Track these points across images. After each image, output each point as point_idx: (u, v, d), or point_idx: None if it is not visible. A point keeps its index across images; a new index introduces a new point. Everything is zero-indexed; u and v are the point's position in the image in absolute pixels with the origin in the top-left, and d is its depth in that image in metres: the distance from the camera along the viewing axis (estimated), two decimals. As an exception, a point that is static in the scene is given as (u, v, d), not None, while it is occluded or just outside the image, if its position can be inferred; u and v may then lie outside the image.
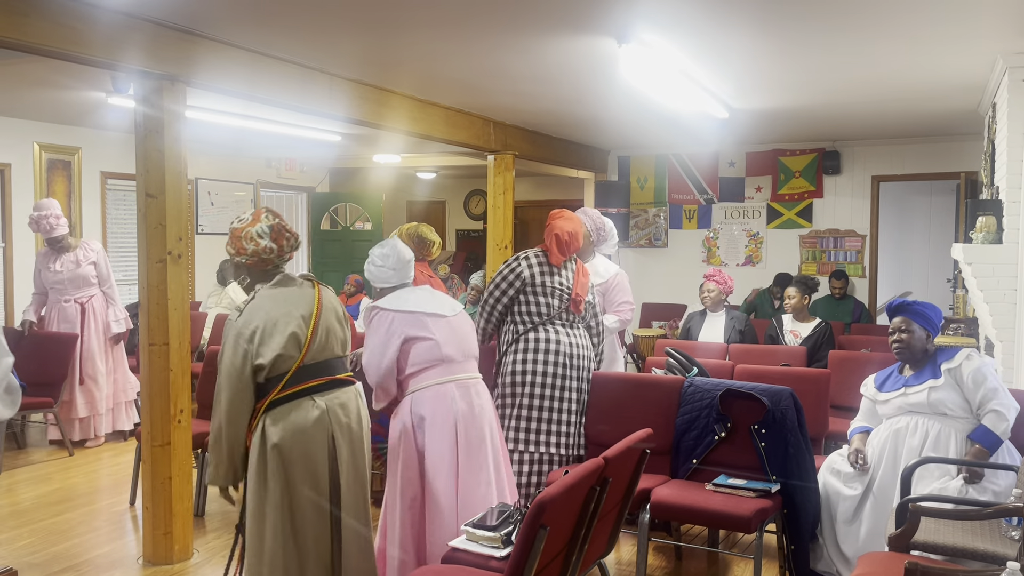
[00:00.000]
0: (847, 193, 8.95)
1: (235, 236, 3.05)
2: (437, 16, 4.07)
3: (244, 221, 3.06)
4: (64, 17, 3.60)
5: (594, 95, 6.08)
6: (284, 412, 2.89)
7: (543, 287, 4.24)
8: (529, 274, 4.23)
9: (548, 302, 4.24)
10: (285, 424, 2.88)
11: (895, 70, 5.23)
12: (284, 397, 2.90)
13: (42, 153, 7.55)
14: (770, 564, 4.03)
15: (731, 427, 3.90)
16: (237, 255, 3.05)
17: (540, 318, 4.22)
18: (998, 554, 2.90)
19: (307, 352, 2.93)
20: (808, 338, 5.88)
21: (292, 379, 2.90)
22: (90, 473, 5.65)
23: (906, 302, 3.83)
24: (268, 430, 2.88)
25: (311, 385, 2.94)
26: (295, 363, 2.91)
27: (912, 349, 3.74)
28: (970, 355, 3.66)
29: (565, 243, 4.27)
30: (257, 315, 2.91)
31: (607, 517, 2.90)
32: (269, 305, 2.94)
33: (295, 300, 2.99)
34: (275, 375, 2.89)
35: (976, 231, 4.70)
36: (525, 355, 4.20)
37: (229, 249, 3.07)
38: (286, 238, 3.07)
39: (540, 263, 4.27)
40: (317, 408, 2.93)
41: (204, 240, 9.28)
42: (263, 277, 3.06)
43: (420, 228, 5.12)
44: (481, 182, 12.17)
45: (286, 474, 2.88)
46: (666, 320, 8.54)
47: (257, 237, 3.02)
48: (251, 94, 4.76)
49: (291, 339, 2.90)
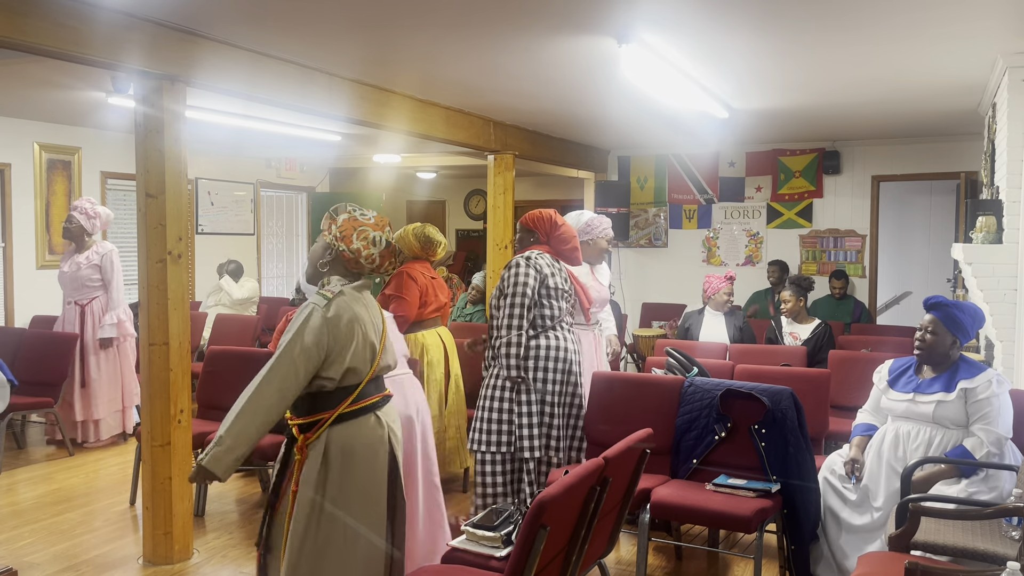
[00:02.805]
0: (847, 193, 8.95)
1: (352, 225, 2.80)
2: (437, 16, 4.07)
3: (367, 219, 2.83)
4: (64, 17, 3.60)
5: (594, 95, 6.08)
6: (352, 428, 2.70)
7: (555, 289, 4.17)
8: (541, 274, 4.11)
9: (558, 304, 4.19)
10: (353, 440, 2.69)
11: (895, 70, 5.23)
12: (352, 412, 2.70)
13: (42, 153, 7.55)
14: (770, 564, 4.03)
15: (731, 427, 3.90)
16: (340, 241, 2.79)
17: (551, 321, 4.16)
18: (998, 554, 2.90)
19: (376, 364, 2.76)
20: (808, 340, 5.86)
21: (362, 392, 2.72)
22: (90, 473, 5.65)
23: (943, 301, 3.64)
24: (333, 444, 2.67)
25: (375, 400, 2.78)
26: (367, 375, 2.73)
27: (933, 352, 3.61)
28: (992, 381, 3.49)
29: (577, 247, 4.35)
30: (354, 318, 2.68)
31: (607, 517, 2.90)
32: (359, 308, 2.74)
33: (371, 309, 2.82)
34: (345, 385, 2.69)
35: (976, 231, 4.70)
36: (536, 362, 4.08)
37: (335, 231, 2.80)
38: (390, 261, 2.87)
39: (548, 264, 4.20)
40: (382, 426, 2.77)
41: (204, 240, 9.28)
42: (346, 275, 2.83)
43: (427, 228, 5.12)
44: (481, 182, 12.17)
45: (348, 492, 2.68)
46: (666, 320, 8.54)
47: (371, 243, 2.79)
48: (251, 94, 4.76)
49: (370, 349, 2.73)
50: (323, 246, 2.83)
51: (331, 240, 2.80)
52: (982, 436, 3.43)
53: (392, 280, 4.95)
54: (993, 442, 3.41)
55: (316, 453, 2.67)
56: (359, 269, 2.82)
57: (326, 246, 2.82)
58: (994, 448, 3.41)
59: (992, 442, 3.41)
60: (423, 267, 5.04)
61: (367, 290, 2.86)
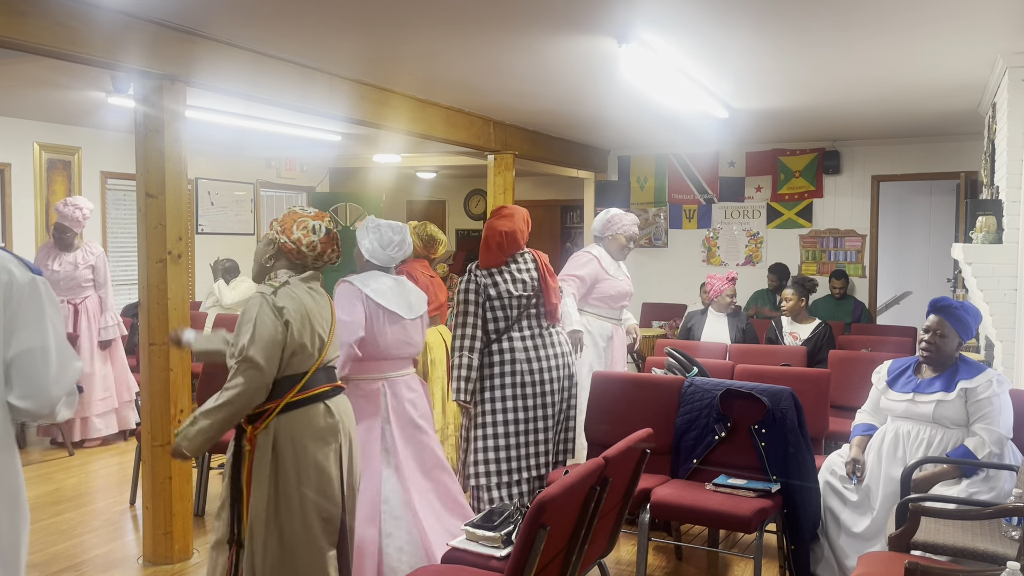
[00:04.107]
0: (847, 193, 8.95)
1: (291, 217, 2.90)
2: (437, 16, 4.07)
3: (307, 212, 2.94)
4: (64, 17, 3.60)
5: (594, 95, 6.08)
6: (301, 416, 2.75)
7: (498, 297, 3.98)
8: (475, 290, 3.99)
9: (503, 314, 4.00)
10: (302, 429, 2.75)
11: (895, 70, 5.23)
12: (300, 400, 2.76)
13: (42, 153, 7.55)
14: (770, 564, 4.03)
15: (731, 427, 3.90)
16: (282, 234, 2.87)
17: (495, 332, 4.00)
18: (998, 554, 2.89)
19: (324, 355, 2.82)
20: (808, 340, 5.86)
21: (309, 381, 2.78)
22: (90, 473, 5.66)
23: (949, 302, 3.64)
24: (282, 433, 2.73)
25: (324, 390, 2.83)
26: (313, 365, 2.78)
27: (941, 354, 3.60)
28: (992, 381, 3.49)
29: (500, 244, 4.02)
30: (300, 307, 2.75)
31: (607, 517, 2.90)
32: (306, 298, 2.80)
33: (320, 300, 2.88)
34: (291, 374, 2.74)
35: (976, 231, 4.70)
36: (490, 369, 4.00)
37: (276, 226, 2.90)
38: (332, 250, 2.93)
39: (489, 275, 4.01)
40: (332, 416, 2.82)
41: (204, 240, 9.28)
42: (292, 268, 2.89)
43: (428, 227, 5.14)
44: (481, 182, 12.17)
45: (300, 480, 2.74)
46: (666, 320, 8.55)
47: (312, 232, 2.87)
48: (251, 94, 4.76)
49: (318, 339, 2.79)
50: (266, 242, 2.91)
51: (273, 235, 2.89)
52: (984, 436, 3.43)
53: (392, 280, 4.94)
54: (995, 441, 3.41)
55: (265, 444, 2.73)
56: (303, 260, 2.89)
57: (269, 241, 2.90)
58: (996, 447, 3.41)
59: (994, 441, 3.41)
60: (423, 266, 5.05)
61: (315, 281, 2.91)
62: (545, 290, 4.09)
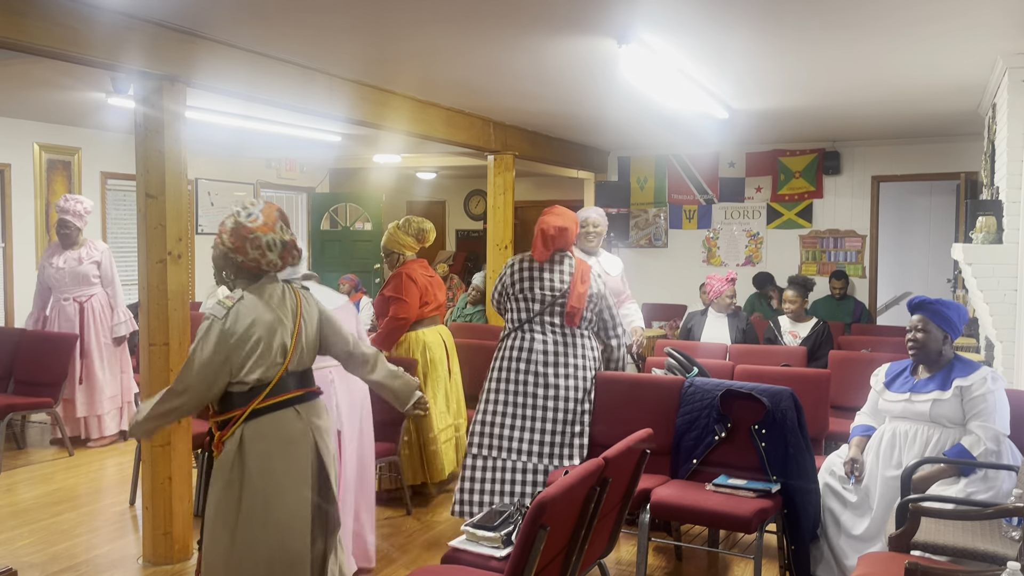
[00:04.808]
0: (847, 193, 8.95)
1: (240, 234, 2.71)
2: (437, 16, 4.07)
3: (255, 220, 2.74)
4: (64, 17, 3.60)
5: (594, 95, 6.08)
6: (267, 423, 2.73)
7: (513, 292, 4.27)
8: (510, 279, 4.28)
9: (516, 307, 4.27)
10: (269, 435, 2.73)
11: (895, 70, 5.23)
12: (266, 407, 2.73)
13: (42, 153, 7.55)
14: (770, 564, 4.02)
15: (731, 427, 3.90)
16: (233, 252, 2.73)
17: (514, 323, 4.25)
18: (998, 554, 2.90)
19: (290, 361, 2.77)
20: (807, 338, 5.89)
21: (276, 387, 2.74)
22: (90, 473, 5.65)
23: (927, 300, 3.68)
24: (249, 441, 2.71)
25: (296, 395, 2.80)
26: (277, 375, 2.74)
27: (927, 350, 3.63)
28: (987, 378, 3.50)
29: (551, 237, 4.18)
30: (254, 323, 2.69)
31: (607, 517, 2.90)
32: (262, 310, 2.73)
33: (279, 304, 2.79)
34: (255, 383, 2.71)
35: (976, 231, 4.70)
36: (499, 360, 4.24)
37: (226, 241, 2.73)
38: (292, 255, 2.82)
39: (523, 267, 4.28)
40: (301, 420, 2.78)
41: (204, 240, 9.29)
42: (250, 278, 2.80)
43: (413, 222, 5.05)
44: (481, 182, 12.17)
45: (265, 487, 2.70)
46: (666, 320, 8.54)
47: (267, 248, 2.74)
48: (251, 94, 4.76)
49: (280, 348, 2.74)
50: (221, 255, 2.79)
51: (225, 252, 2.77)
52: (980, 433, 3.43)
53: (391, 281, 4.95)
54: (991, 438, 3.42)
55: (230, 450, 2.73)
56: (262, 272, 2.81)
57: (224, 255, 2.78)
58: (992, 444, 3.41)
59: (990, 438, 3.41)
60: (422, 267, 5.04)
61: (273, 284, 2.83)
62: (572, 294, 4.18)
